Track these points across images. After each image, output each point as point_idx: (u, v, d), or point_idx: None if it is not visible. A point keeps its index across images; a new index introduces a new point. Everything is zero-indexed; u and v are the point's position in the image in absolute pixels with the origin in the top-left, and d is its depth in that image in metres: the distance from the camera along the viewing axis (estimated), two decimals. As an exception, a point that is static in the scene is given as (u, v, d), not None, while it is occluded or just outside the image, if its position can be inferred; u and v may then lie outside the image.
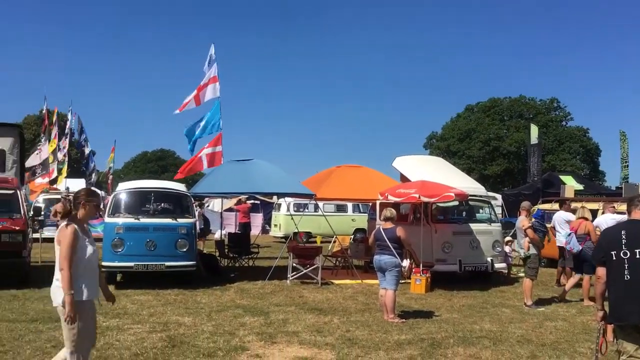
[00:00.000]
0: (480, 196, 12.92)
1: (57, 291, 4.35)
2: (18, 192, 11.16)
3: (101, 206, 28.66)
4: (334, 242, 15.42)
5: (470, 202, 12.95)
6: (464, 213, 13.38)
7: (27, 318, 7.90)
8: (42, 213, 13.36)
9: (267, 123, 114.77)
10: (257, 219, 25.00)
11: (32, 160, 21.75)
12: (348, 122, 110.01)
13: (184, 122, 21.37)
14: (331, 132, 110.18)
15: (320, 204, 16.25)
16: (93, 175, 29.04)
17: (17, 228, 10.45)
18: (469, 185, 12.89)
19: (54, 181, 25.15)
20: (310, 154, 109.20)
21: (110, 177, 36.21)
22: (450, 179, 12.35)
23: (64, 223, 4.36)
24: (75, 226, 4.37)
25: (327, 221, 14.70)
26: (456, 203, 12.53)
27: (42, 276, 11.57)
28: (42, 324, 7.54)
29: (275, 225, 24.81)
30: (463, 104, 71.37)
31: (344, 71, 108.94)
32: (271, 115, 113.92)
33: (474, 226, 12.24)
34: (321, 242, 18.42)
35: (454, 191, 11.12)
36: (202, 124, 16.05)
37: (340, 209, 23.51)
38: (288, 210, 20.47)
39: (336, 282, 12.15)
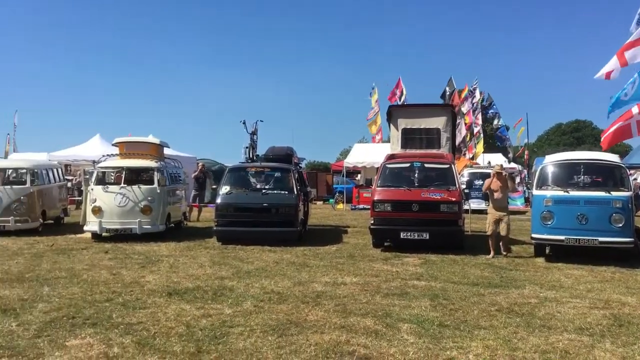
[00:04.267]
0: None
1: None
2: (452, 166, 12.15)
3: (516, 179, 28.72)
4: None
5: None
6: None
7: (468, 281, 8.54)
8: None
9: None
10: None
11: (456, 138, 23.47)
12: None
13: (605, 89, 19.68)
14: None
15: None
16: (509, 149, 29.41)
17: (454, 199, 11.36)
18: None
19: (472, 157, 26.63)
20: None
21: (526, 151, 36.26)
22: None
23: None
24: None
25: None
26: None
27: (475, 244, 12.43)
28: (482, 288, 8.04)
29: None
30: None
31: None
32: None
33: None
34: None
35: None
36: (628, 87, 14.43)
37: None
38: None
39: None
